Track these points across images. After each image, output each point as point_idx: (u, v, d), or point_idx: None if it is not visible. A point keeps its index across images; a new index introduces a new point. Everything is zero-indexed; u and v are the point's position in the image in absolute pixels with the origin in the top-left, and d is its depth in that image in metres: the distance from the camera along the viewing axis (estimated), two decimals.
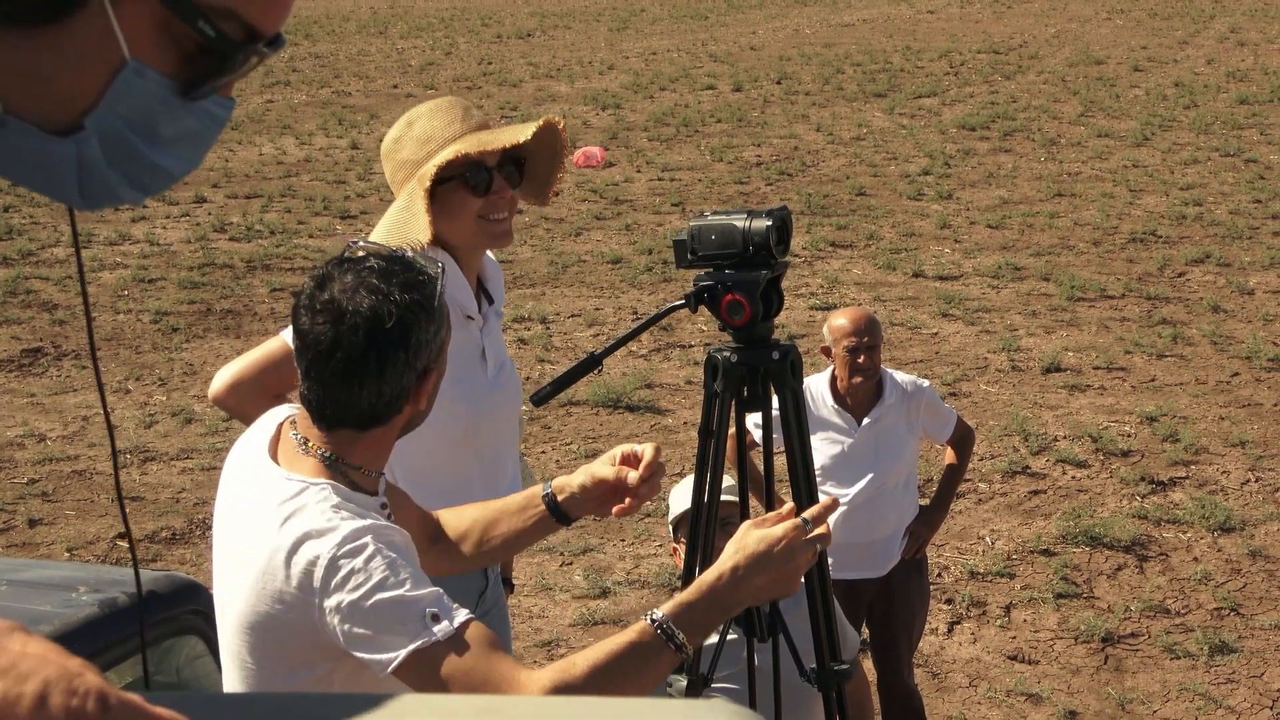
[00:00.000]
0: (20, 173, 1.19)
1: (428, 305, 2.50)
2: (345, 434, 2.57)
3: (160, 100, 1.18)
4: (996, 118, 19.09)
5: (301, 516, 2.50)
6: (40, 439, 9.24)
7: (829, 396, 5.49)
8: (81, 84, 1.15)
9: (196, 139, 1.24)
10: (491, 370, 3.69)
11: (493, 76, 24.38)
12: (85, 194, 1.20)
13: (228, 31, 1.18)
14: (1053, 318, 11.05)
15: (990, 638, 6.69)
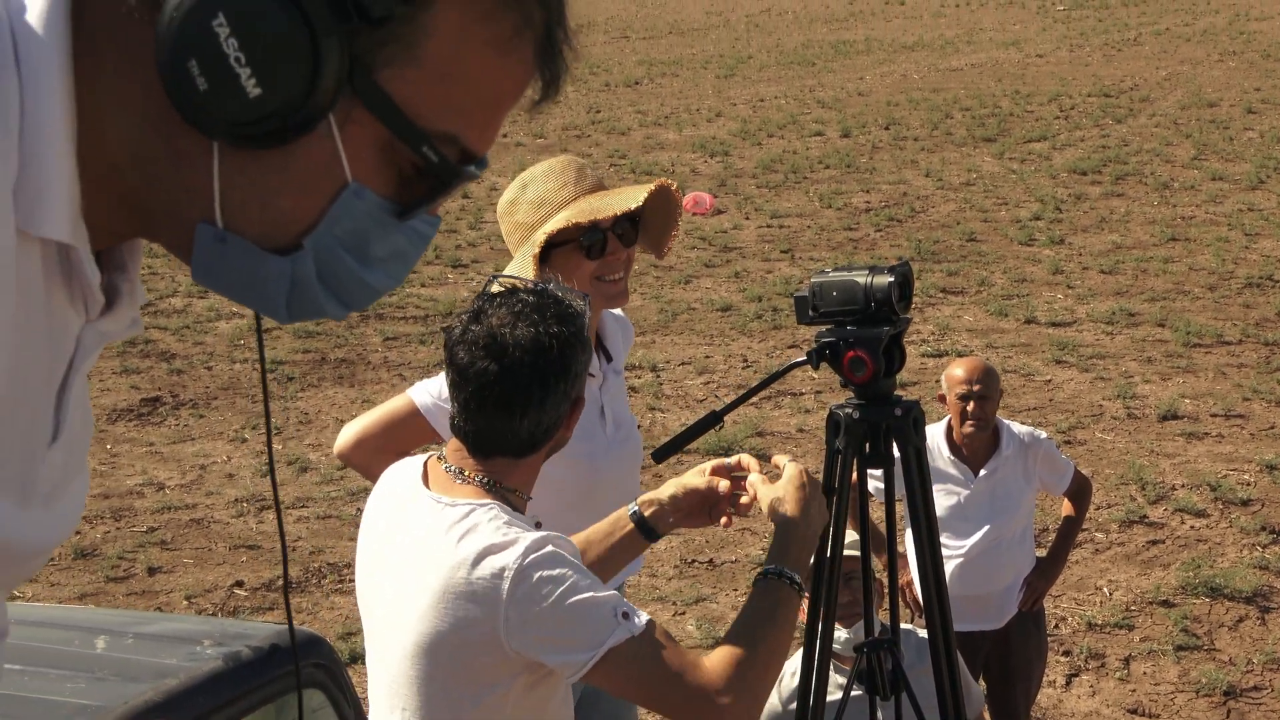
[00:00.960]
0: (232, 288, 1.23)
1: (581, 335, 2.64)
2: (502, 462, 2.70)
3: (375, 221, 1.22)
4: (1108, 161, 18.92)
5: (477, 534, 2.61)
6: (159, 488, 9.37)
7: (945, 448, 5.47)
8: (304, 205, 1.18)
9: (404, 257, 1.27)
10: (610, 428, 3.72)
11: (601, 125, 24.51)
12: (292, 310, 1.24)
13: (447, 155, 1.21)
14: (1169, 364, 10.92)
15: (1109, 690, 6.60)
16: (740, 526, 8.43)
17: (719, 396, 10.64)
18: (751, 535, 8.36)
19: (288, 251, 1.20)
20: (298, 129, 1.15)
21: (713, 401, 10.55)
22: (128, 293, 1.28)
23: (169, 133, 1.15)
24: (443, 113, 1.20)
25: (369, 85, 1.16)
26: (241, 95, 1.12)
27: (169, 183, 1.18)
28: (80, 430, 1.31)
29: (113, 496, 9.24)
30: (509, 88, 1.25)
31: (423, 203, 1.25)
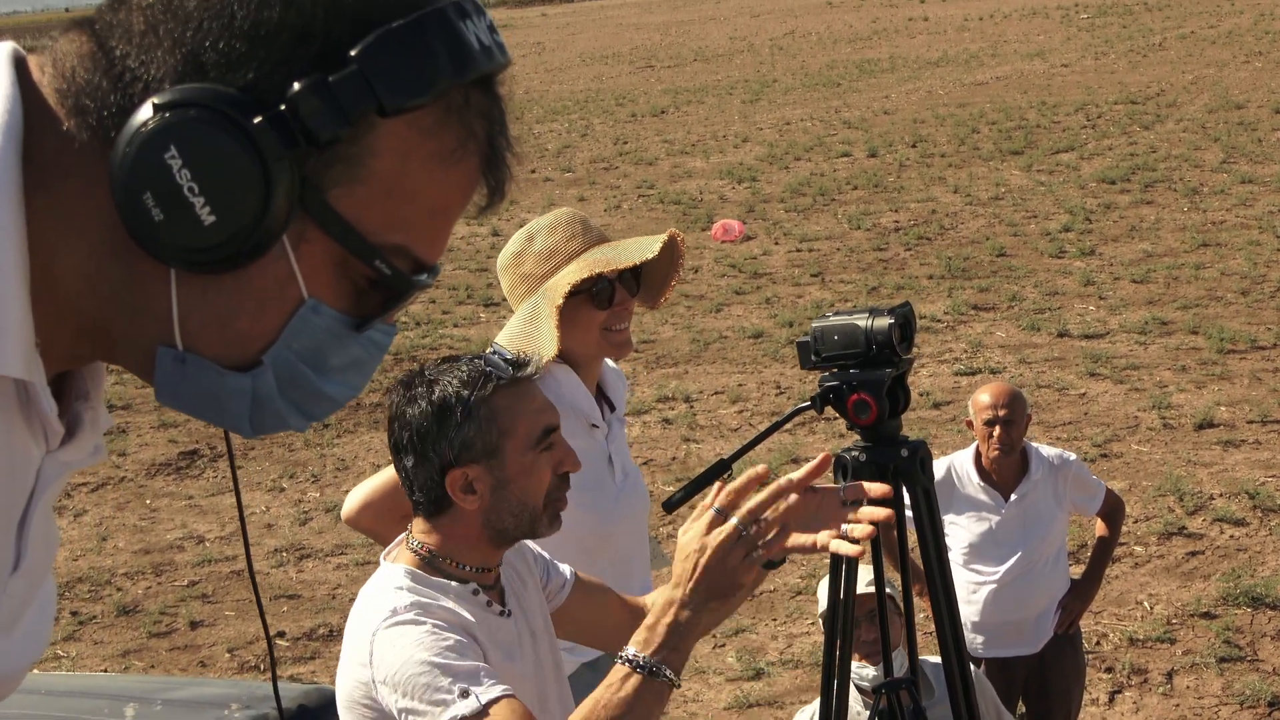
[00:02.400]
0: (194, 406, 1.25)
1: (450, 404, 2.65)
2: (422, 523, 2.76)
3: (332, 335, 1.24)
4: (1137, 169, 18.87)
5: (369, 594, 2.69)
6: (199, 540, 9.43)
7: (975, 474, 5.47)
8: (262, 324, 1.21)
9: (362, 366, 1.30)
10: (619, 477, 3.75)
11: (629, 156, 24.57)
12: (255, 424, 1.27)
13: (399, 266, 1.24)
14: (1203, 372, 10.87)
15: (1153, 706, 6.57)
16: None
17: (753, 425, 10.64)
18: (790, 564, 8.35)
19: (248, 368, 1.22)
20: (252, 253, 1.17)
21: (747, 430, 10.56)
22: (90, 421, 1.31)
23: (126, 260, 1.18)
24: (392, 226, 1.23)
25: (320, 205, 1.19)
26: (197, 224, 1.15)
27: (127, 309, 1.20)
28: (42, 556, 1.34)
29: (153, 551, 9.30)
30: (456, 198, 1.27)
31: (378, 313, 1.27)
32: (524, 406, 2.71)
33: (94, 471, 10.86)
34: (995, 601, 5.41)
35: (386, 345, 1.31)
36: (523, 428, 2.69)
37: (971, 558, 5.44)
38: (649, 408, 11.14)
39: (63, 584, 8.85)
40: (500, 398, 2.67)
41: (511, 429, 2.67)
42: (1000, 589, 5.41)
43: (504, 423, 2.67)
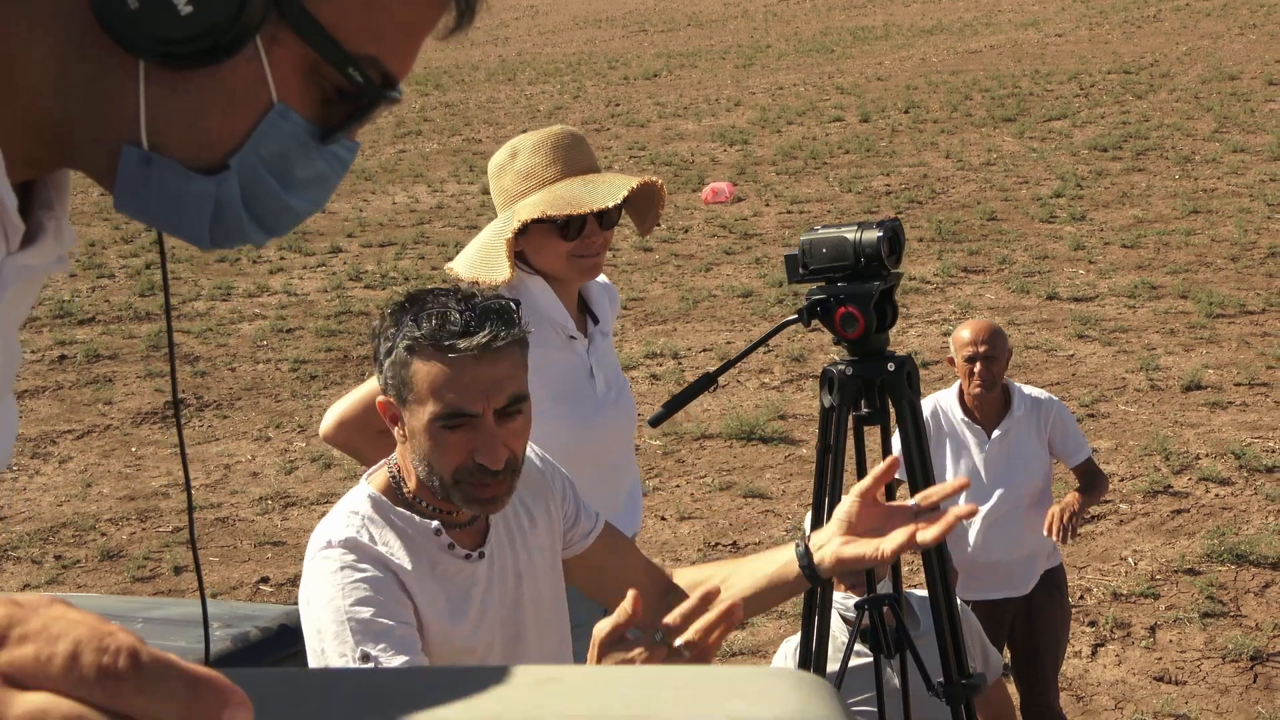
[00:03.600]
0: (156, 214, 1.22)
1: (380, 335, 2.54)
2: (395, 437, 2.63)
3: (298, 143, 1.21)
4: (1129, 137, 18.83)
5: (331, 511, 2.62)
6: (184, 487, 9.39)
7: (958, 410, 5.47)
8: (229, 126, 1.18)
9: (324, 182, 1.27)
10: (601, 388, 3.72)
11: (620, 118, 24.50)
12: (215, 235, 1.23)
13: (371, 78, 1.22)
14: (1191, 335, 10.87)
15: (1135, 659, 6.57)
16: (763, 509, 8.43)
17: (741, 382, 10.63)
18: (775, 517, 8.35)
19: (213, 172, 1.19)
20: (226, 49, 1.14)
21: (735, 387, 10.55)
22: (53, 230, 1.28)
23: (94, 54, 1.15)
24: (365, 36, 1.20)
25: (295, 7, 1.16)
26: (173, 14, 1.12)
27: (92, 105, 1.17)
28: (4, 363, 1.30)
29: (138, 498, 9.27)
30: (427, 15, 1.25)
31: (345, 125, 1.25)
32: (436, 381, 2.48)
33: (79, 419, 10.83)
34: (981, 542, 5.40)
35: (349, 162, 1.28)
36: (430, 401, 2.48)
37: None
38: (637, 363, 11.12)
39: (46, 529, 8.83)
40: (420, 359, 2.48)
41: (420, 396, 2.49)
42: (986, 528, 5.40)
43: (415, 384, 2.49)
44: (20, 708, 0.67)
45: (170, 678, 0.69)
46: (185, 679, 0.69)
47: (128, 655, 0.68)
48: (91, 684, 0.68)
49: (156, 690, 0.68)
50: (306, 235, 16.98)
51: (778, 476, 8.79)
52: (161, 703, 0.68)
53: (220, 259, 15.98)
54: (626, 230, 15.94)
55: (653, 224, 3.86)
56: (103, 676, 0.68)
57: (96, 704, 0.68)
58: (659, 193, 3.77)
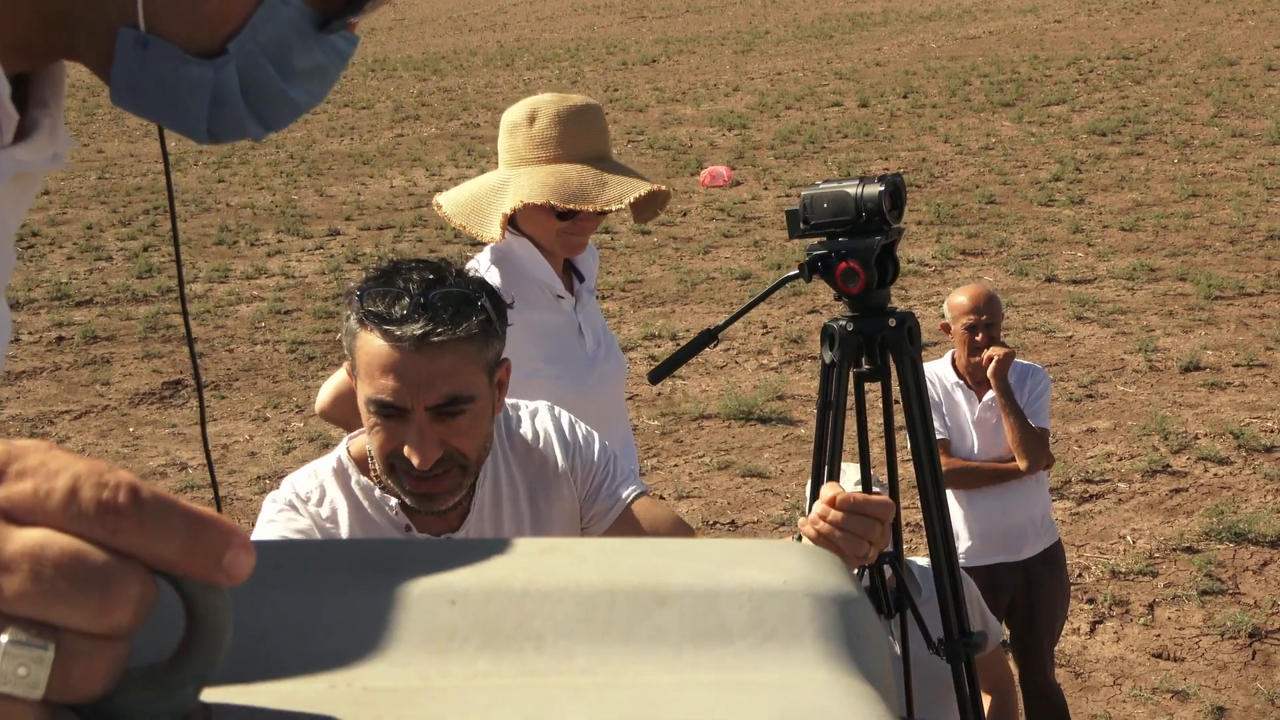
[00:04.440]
0: (152, 103, 1.19)
1: (344, 313, 2.43)
2: None
3: (298, 31, 1.19)
4: (1128, 122, 18.82)
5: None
6: (182, 468, 9.39)
7: (951, 374, 5.47)
8: (228, 6, 1.15)
9: (323, 74, 1.24)
10: (590, 346, 3.73)
11: (619, 103, 24.46)
12: (212, 127, 1.21)
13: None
14: (1190, 317, 10.86)
15: (1134, 636, 6.57)
16: (761, 487, 8.42)
17: (739, 363, 10.62)
18: (774, 496, 8.34)
19: (212, 56, 1.17)
20: None
21: (734, 368, 10.53)
22: (48, 128, 1.25)
23: None
24: None
25: None
26: None
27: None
28: None
29: None
30: None
31: (344, 14, 1.22)
32: (375, 363, 2.35)
33: (77, 400, 10.82)
34: (975, 507, 5.41)
35: (348, 55, 1.26)
36: (366, 382, 2.37)
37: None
38: (635, 344, 11.10)
39: None
40: (364, 339, 2.37)
41: (360, 372, 2.39)
42: (980, 494, 5.40)
43: (357, 360, 2.38)
44: (18, 543, 0.65)
45: (172, 515, 0.67)
46: (187, 517, 0.68)
47: (128, 490, 0.67)
48: (91, 519, 0.66)
49: (158, 527, 0.67)
50: (304, 218, 16.97)
51: (776, 456, 8.79)
52: (163, 540, 0.67)
53: (218, 242, 15.96)
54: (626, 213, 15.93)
55: (649, 219, 3.87)
56: (102, 511, 0.66)
57: (96, 540, 0.66)
58: (663, 197, 3.77)
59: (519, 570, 0.76)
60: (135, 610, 0.66)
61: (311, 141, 22.90)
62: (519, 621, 0.73)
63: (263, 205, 17.92)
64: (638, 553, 0.78)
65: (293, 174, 19.98)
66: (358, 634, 0.75)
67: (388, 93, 28.17)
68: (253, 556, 0.68)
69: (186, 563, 0.67)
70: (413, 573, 0.76)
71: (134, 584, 0.66)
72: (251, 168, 20.80)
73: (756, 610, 0.74)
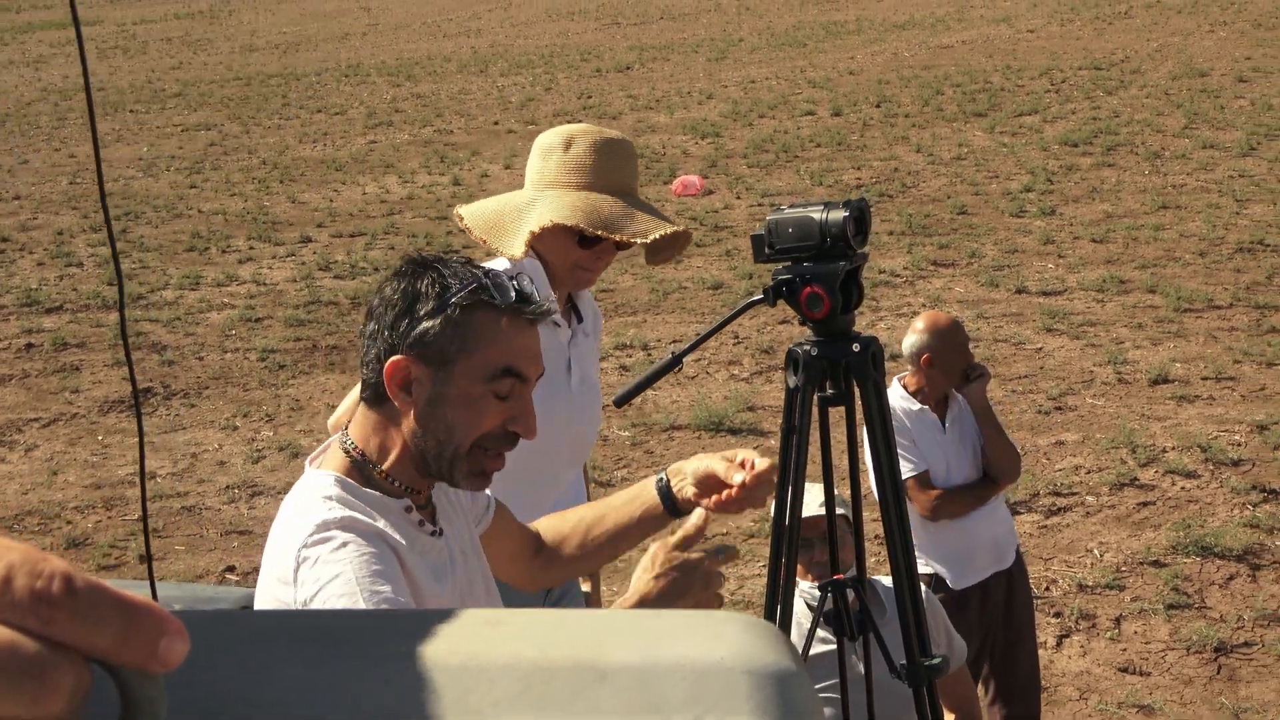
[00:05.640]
0: None
1: (429, 290, 2.45)
2: (361, 415, 2.55)
3: None
4: (1099, 133, 18.89)
5: (295, 505, 2.48)
6: (150, 476, 9.36)
7: (913, 403, 5.48)
8: None
9: None
10: (575, 382, 3.75)
11: (592, 110, 24.47)
12: None
13: None
14: (1159, 329, 10.91)
15: (1100, 650, 6.60)
16: None
17: (710, 373, 10.63)
18: None
19: None
20: None
21: (704, 378, 10.54)
22: None
23: None
24: None
25: None
26: None
27: None
28: None
29: (104, 486, 9.23)
30: None
31: None
32: (499, 335, 2.45)
33: (46, 407, 10.78)
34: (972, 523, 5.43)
35: None
36: (485, 353, 2.44)
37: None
38: (607, 355, 11.10)
39: (11, 517, 8.79)
40: (486, 314, 2.44)
41: (473, 348, 2.44)
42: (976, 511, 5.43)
43: (470, 337, 2.44)
44: None
45: (105, 604, 0.68)
46: (121, 606, 0.68)
47: (62, 580, 0.67)
48: (24, 609, 0.67)
49: (92, 616, 0.67)
50: (276, 225, 16.93)
51: None
52: (97, 629, 0.67)
53: (189, 248, 15.92)
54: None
55: (664, 261, 3.91)
56: (35, 601, 0.67)
57: (30, 629, 0.67)
58: (684, 240, 3.80)
59: (458, 644, 0.76)
60: (69, 699, 0.67)
61: (284, 148, 22.86)
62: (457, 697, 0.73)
63: (234, 212, 17.88)
64: (578, 625, 0.79)
65: (265, 180, 19.94)
66: (295, 711, 0.75)
67: (361, 99, 28.14)
68: (187, 644, 0.69)
69: (121, 651, 0.68)
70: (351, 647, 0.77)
71: (68, 673, 0.66)
72: (224, 174, 20.75)
73: (694, 686, 0.75)
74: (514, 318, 2.45)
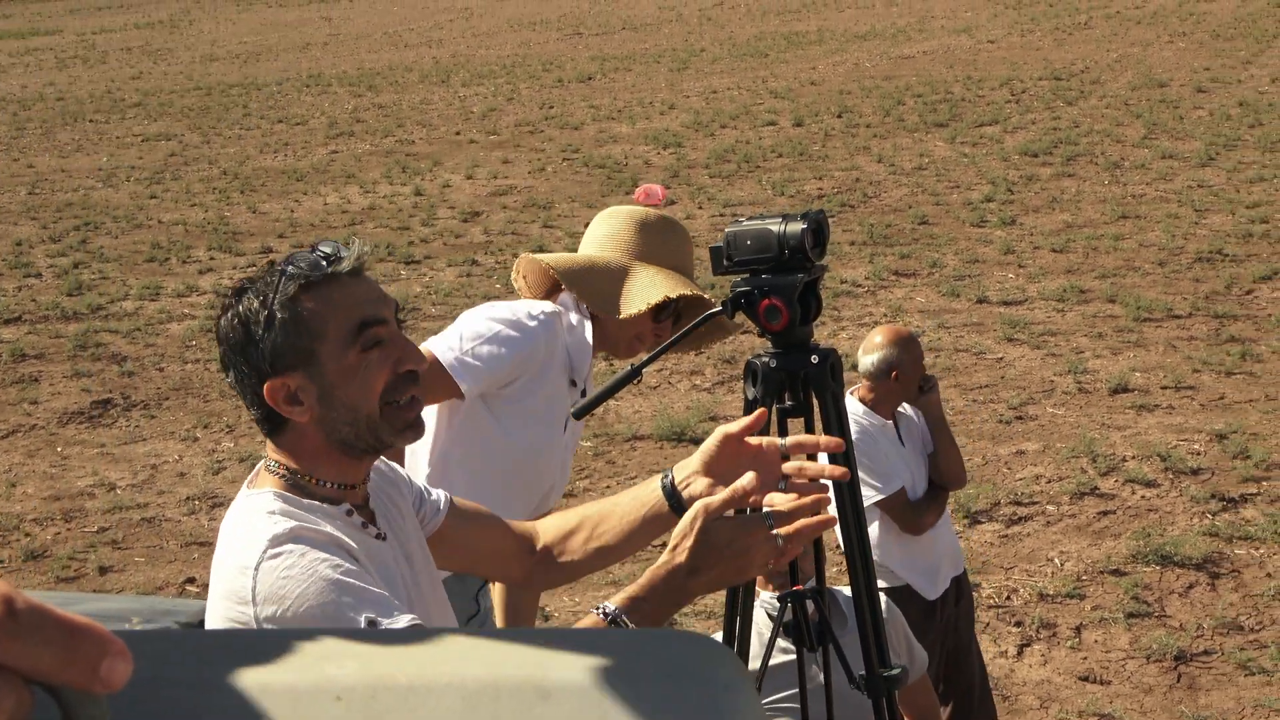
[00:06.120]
0: None
1: (254, 311, 2.46)
2: (270, 443, 2.56)
3: None
4: (1059, 143, 18.97)
5: (238, 525, 2.48)
6: (110, 488, 9.32)
7: (873, 415, 5.49)
8: None
9: None
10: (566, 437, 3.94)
11: (554, 120, 24.46)
12: None
13: None
14: (1119, 339, 10.96)
15: (1061, 659, 6.62)
16: None
17: (672, 384, 10.63)
18: None
19: None
20: None
21: (667, 388, 10.55)
22: None
23: None
24: None
25: None
26: None
27: None
28: None
29: (63, 498, 9.19)
30: None
31: None
32: (335, 304, 2.46)
33: (4, 419, 10.72)
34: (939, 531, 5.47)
35: None
36: (334, 328, 2.46)
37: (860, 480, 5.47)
38: None
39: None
40: (307, 299, 2.45)
41: (322, 330, 2.45)
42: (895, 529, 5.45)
43: (312, 324, 2.45)
44: None
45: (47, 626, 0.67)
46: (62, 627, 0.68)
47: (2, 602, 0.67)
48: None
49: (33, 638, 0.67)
50: (237, 235, 16.87)
51: None
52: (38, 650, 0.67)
53: (149, 259, 15.86)
54: (565, 230, 15.93)
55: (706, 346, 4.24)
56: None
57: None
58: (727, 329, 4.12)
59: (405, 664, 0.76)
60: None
61: (245, 158, 22.78)
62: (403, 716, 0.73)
63: (195, 222, 17.81)
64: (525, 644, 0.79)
65: (225, 190, 19.87)
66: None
67: (322, 109, 28.07)
68: (130, 664, 0.68)
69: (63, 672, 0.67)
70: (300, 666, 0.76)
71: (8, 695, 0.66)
72: (184, 184, 20.67)
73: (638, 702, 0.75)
74: (334, 282, 2.46)
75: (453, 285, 13.92)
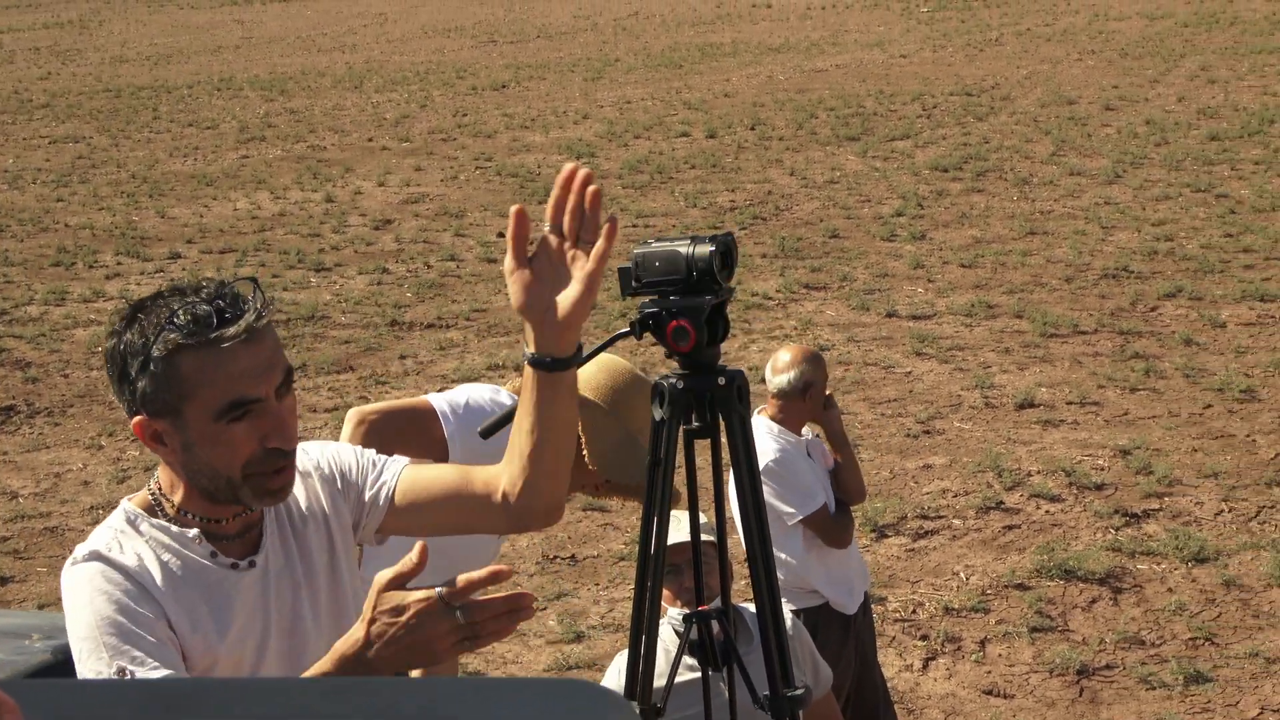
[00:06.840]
0: None
1: (132, 350, 2.43)
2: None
3: None
4: (969, 159, 19.13)
5: None
6: (12, 496, 9.21)
7: (788, 434, 5.50)
8: None
9: None
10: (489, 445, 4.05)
11: (467, 128, 24.41)
12: None
13: None
14: (1026, 354, 11.06)
15: (965, 673, 6.68)
16: (602, 521, 8.44)
17: None
18: (614, 530, 8.36)
19: None
20: None
21: None
22: None
23: None
24: None
25: None
26: None
27: None
28: None
29: None
30: None
31: None
32: (215, 372, 2.39)
33: None
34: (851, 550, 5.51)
35: None
36: (205, 395, 2.40)
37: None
38: (479, 374, 11.07)
39: None
40: (185, 356, 2.38)
41: (192, 394, 2.40)
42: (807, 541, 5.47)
43: (184, 384, 2.40)
44: None
45: None
46: None
47: None
48: None
49: None
50: (145, 240, 16.71)
51: None
52: None
53: (55, 263, 15.68)
54: (477, 239, 15.88)
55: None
56: None
57: None
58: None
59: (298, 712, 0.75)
60: None
61: (154, 161, 22.57)
62: None
63: (102, 226, 17.63)
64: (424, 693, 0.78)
65: (134, 194, 19.67)
66: None
67: (233, 113, 27.85)
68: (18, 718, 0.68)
69: None
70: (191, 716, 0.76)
71: None
72: (91, 187, 20.45)
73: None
74: (216, 348, 2.38)
75: (363, 293, 13.86)
